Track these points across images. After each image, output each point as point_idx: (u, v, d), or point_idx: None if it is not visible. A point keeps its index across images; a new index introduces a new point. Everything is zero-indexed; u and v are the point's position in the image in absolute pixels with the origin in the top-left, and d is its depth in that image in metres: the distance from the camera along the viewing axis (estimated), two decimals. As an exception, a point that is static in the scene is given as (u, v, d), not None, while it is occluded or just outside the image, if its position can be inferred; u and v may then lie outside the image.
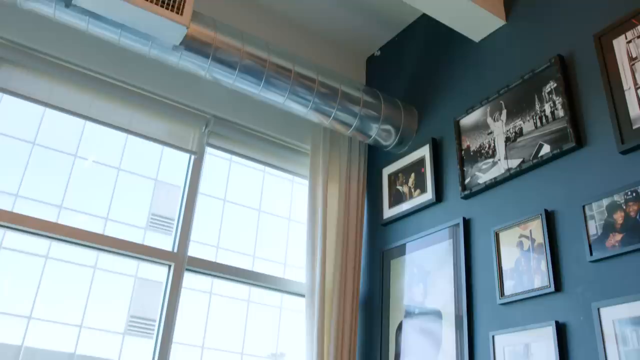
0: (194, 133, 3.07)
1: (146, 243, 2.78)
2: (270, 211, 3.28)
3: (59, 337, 2.50)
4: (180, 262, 2.78)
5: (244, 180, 3.25)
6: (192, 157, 3.03)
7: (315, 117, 2.94)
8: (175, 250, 2.81)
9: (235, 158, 3.26)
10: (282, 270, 3.19)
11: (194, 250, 2.89)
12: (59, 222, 2.56)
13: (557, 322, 2.05)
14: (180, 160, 3.02)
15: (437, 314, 2.58)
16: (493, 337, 2.26)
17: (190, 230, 2.86)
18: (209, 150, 3.13)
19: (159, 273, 2.78)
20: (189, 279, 2.86)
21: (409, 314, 2.76)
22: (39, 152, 2.66)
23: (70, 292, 2.57)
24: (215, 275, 2.92)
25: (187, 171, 3.01)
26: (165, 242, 2.84)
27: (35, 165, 2.62)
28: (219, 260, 2.95)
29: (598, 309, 1.93)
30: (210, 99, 3.09)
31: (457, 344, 2.43)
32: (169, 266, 2.79)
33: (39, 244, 2.55)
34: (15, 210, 2.50)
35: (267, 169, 3.35)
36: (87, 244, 2.61)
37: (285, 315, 3.11)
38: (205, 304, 2.90)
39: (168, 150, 3.01)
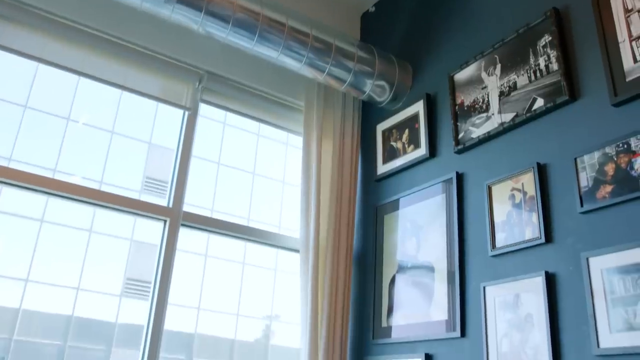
0: (187, 89, 3.05)
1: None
2: (265, 174, 3.28)
3: (57, 299, 2.52)
4: (176, 217, 2.80)
5: (237, 143, 3.24)
6: (186, 113, 3.02)
7: (309, 73, 2.92)
8: (170, 205, 2.82)
9: (229, 120, 3.24)
10: (277, 230, 3.21)
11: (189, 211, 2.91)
12: (55, 177, 2.57)
13: (546, 272, 2.09)
14: (174, 123, 3.01)
15: (430, 267, 2.63)
16: (484, 288, 2.31)
17: (185, 185, 2.87)
18: (203, 112, 3.12)
19: (155, 235, 2.79)
20: (184, 238, 2.88)
21: (401, 268, 2.80)
22: (31, 115, 2.63)
23: (66, 255, 2.58)
24: (210, 231, 2.95)
25: (181, 128, 3.00)
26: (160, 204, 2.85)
27: (27, 129, 2.61)
28: (215, 216, 2.97)
29: (587, 259, 1.97)
30: (203, 55, 3.07)
31: (448, 295, 2.48)
32: (164, 222, 2.81)
33: (34, 207, 2.55)
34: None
35: (261, 131, 3.34)
36: (84, 199, 2.62)
37: (280, 277, 3.14)
38: (201, 266, 2.93)
39: (162, 112, 3.00)
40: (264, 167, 3.29)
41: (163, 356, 2.69)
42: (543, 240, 2.14)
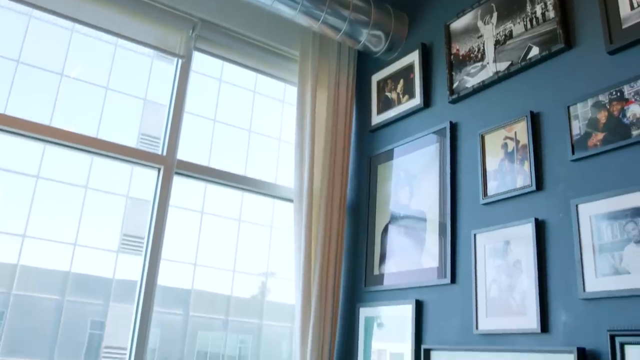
0: (181, 37, 3.02)
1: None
2: (261, 131, 3.27)
3: (54, 255, 2.54)
4: (169, 165, 2.81)
5: (233, 100, 3.21)
6: (180, 61, 2.99)
7: (304, 21, 2.89)
8: (164, 153, 2.83)
9: (224, 77, 3.21)
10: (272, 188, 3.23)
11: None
12: (52, 125, 2.57)
13: (536, 219, 2.12)
14: (169, 79, 2.97)
15: (422, 216, 2.65)
16: (474, 235, 2.34)
17: (179, 133, 2.87)
18: (198, 68, 3.08)
19: (151, 192, 2.80)
20: (180, 192, 2.87)
21: (394, 217, 2.83)
22: (24, 70, 2.60)
23: (63, 211, 2.59)
24: (206, 180, 2.96)
25: (175, 76, 2.98)
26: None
27: (20, 84, 2.57)
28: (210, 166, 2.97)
29: (576, 206, 1.99)
30: (197, 2, 3.02)
31: (440, 243, 2.51)
32: (158, 170, 2.82)
33: (30, 163, 2.54)
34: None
35: (257, 88, 3.31)
36: (80, 147, 2.62)
37: (275, 234, 3.16)
38: (197, 223, 2.94)
39: (157, 69, 2.96)
40: (260, 124, 3.27)
41: (160, 311, 2.73)
42: (534, 188, 2.16)
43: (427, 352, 2.41)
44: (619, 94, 1.96)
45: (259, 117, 3.27)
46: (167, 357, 2.74)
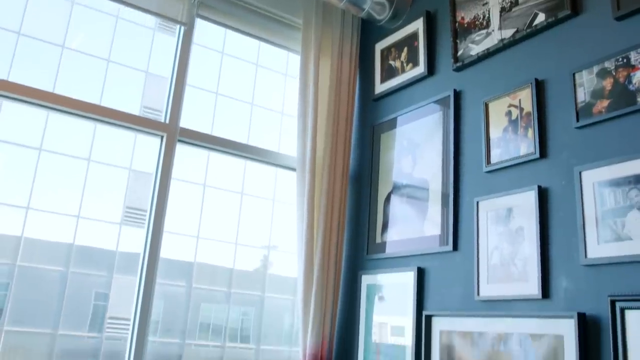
0: (183, 4, 2.99)
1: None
2: (263, 105, 3.25)
3: (58, 227, 2.55)
4: (172, 132, 2.81)
5: (236, 74, 3.19)
6: (182, 29, 2.97)
7: (307, -13, 2.86)
8: (167, 121, 2.82)
9: (227, 50, 3.18)
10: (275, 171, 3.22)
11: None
12: (55, 92, 2.56)
13: (539, 187, 2.12)
14: (171, 51, 2.94)
15: (425, 184, 2.66)
16: (477, 202, 2.35)
17: (182, 100, 2.86)
18: (200, 40, 3.05)
19: (152, 164, 2.80)
20: (183, 164, 2.87)
21: (397, 185, 2.83)
22: (25, 42, 2.58)
23: (65, 184, 2.59)
24: (208, 148, 2.96)
25: (177, 45, 2.96)
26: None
27: (22, 57, 2.55)
28: (213, 134, 2.97)
29: (580, 173, 2.00)
30: (199, -32, 2.99)
31: (442, 211, 2.52)
32: (161, 137, 2.81)
33: (32, 135, 2.53)
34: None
35: (260, 61, 3.29)
36: (83, 114, 2.62)
37: (278, 208, 3.17)
38: (200, 196, 2.95)
39: (158, 40, 2.93)
40: (262, 98, 3.25)
41: (163, 282, 2.75)
42: (537, 155, 2.16)
43: (429, 318, 2.43)
44: (625, 60, 1.95)
45: (261, 90, 3.25)
46: (171, 329, 2.77)
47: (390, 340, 2.63)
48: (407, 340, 2.54)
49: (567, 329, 1.91)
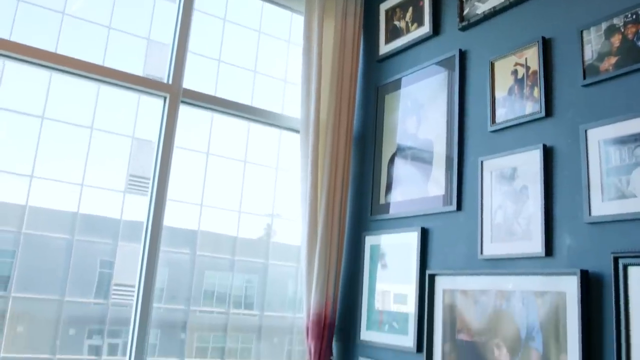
0: (185, -38, 2.94)
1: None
2: (266, 72, 3.21)
3: (62, 196, 2.55)
4: (175, 93, 2.79)
5: (238, 41, 3.14)
6: (184, -12, 2.93)
7: (311, -55, 2.81)
8: (170, 81, 2.81)
9: (229, 17, 3.12)
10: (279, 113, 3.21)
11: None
12: (59, 52, 2.54)
13: (544, 145, 2.11)
14: (172, 18, 2.90)
15: (429, 145, 2.65)
16: (482, 162, 2.34)
17: (185, 62, 2.84)
18: (199, 6, 3.00)
19: (155, 132, 2.79)
20: (185, 131, 2.86)
21: (401, 146, 2.83)
22: (25, 8, 2.54)
23: (68, 152, 2.59)
24: (212, 109, 2.94)
25: (179, 9, 2.90)
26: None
27: (22, 24, 2.52)
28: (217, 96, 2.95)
29: (585, 131, 1.99)
30: None
31: (446, 171, 2.52)
32: (164, 98, 2.80)
33: (35, 103, 2.52)
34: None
35: (262, 27, 3.24)
36: (86, 74, 2.60)
37: (280, 176, 3.17)
38: (203, 164, 2.94)
39: (160, 7, 2.88)
40: (265, 65, 3.21)
41: (167, 250, 2.77)
42: (543, 114, 2.14)
43: (432, 277, 2.45)
44: (634, 16, 1.92)
45: (264, 57, 3.21)
46: (175, 296, 2.80)
47: (393, 308, 2.66)
48: (410, 307, 2.56)
49: (569, 286, 1.92)
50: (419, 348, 2.48)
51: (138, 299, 2.61)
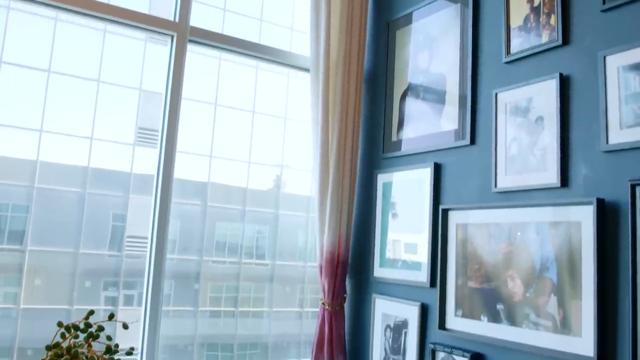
0: None
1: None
2: (273, 11, 3.13)
3: (72, 150, 2.55)
4: (183, 31, 2.74)
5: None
6: None
7: None
8: (177, 19, 2.75)
9: None
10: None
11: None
12: None
13: (561, 75, 2.06)
14: None
15: (442, 79, 2.60)
16: (496, 94, 2.30)
17: (191, -1, 2.78)
18: None
19: (162, 84, 2.75)
20: (192, 81, 2.82)
21: (413, 82, 2.78)
22: None
23: (76, 105, 2.57)
24: (220, 48, 2.89)
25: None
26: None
27: None
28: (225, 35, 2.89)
29: (604, 58, 1.93)
30: None
31: (459, 105, 2.48)
32: (171, 37, 2.75)
33: (40, 56, 2.48)
34: None
35: None
36: (93, 13, 2.55)
37: (289, 126, 3.13)
38: (211, 115, 2.91)
39: None
40: (273, 4, 3.12)
41: (179, 202, 2.77)
42: (560, 42, 2.08)
43: (445, 212, 2.44)
44: None
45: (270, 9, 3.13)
46: (188, 247, 2.82)
47: (404, 257, 2.66)
48: (423, 243, 2.56)
49: (585, 216, 1.91)
50: (433, 283, 2.49)
51: (151, 250, 2.64)
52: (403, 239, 2.69)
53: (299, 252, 3.11)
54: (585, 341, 1.86)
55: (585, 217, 1.90)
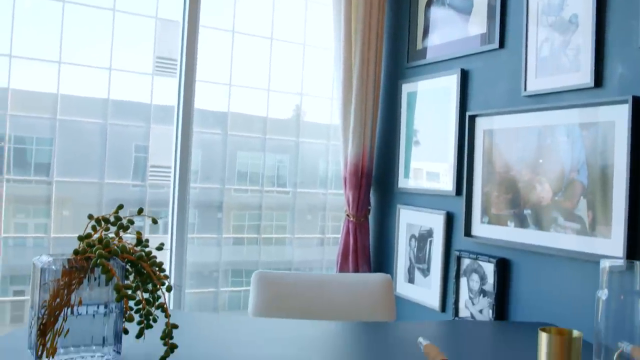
0: None
1: None
2: None
3: (91, 81, 2.54)
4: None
5: None
6: None
7: None
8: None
9: None
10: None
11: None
12: None
13: (598, -32, 1.95)
14: None
15: (469, -19, 2.49)
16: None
17: None
18: None
19: (179, 12, 2.67)
20: (210, 6, 2.73)
21: (439, -13, 2.66)
22: None
23: (93, 36, 2.54)
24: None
25: None
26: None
27: None
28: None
29: (646, -54, 1.81)
30: None
31: (488, 7, 2.37)
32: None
33: None
34: None
35: None
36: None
37: (308, 52, 3.04)
38: (229, 43, 2.85)
39: None
40: None
41: (199, 131, 2.75)
42: None
43: (472, 118, 2.39)
44: None
45: None
46: (210, 176, 2.83)
47: (430, 167, 2.63)
48: (449, 152, 2.53)
49: (619, 115, 1.84)
50: (459, 191, 2.47)
51: (175, 179, 2.66)
52: (429, 148, 2.66)
53: (319, 180, 3.11)
54: (614, 242, 1.84)
55: (619, 117, 1.84)
